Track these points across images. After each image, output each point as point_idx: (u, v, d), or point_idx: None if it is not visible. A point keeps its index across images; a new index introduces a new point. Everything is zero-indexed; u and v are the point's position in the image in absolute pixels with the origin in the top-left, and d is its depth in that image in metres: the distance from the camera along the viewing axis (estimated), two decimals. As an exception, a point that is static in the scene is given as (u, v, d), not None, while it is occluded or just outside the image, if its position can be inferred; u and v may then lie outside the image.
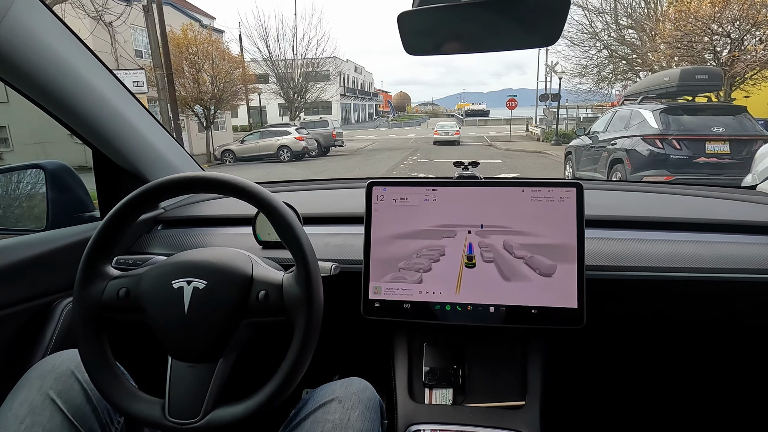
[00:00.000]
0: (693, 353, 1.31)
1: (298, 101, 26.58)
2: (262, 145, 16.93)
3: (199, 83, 17.54)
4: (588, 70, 18.57)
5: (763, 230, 1.11)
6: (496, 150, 18.60)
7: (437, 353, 1.08)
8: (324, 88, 27.92)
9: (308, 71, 26.51)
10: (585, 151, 7.88)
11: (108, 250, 0.79)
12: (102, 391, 0.74)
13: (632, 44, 16.80)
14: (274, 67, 25.83)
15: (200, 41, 17.76)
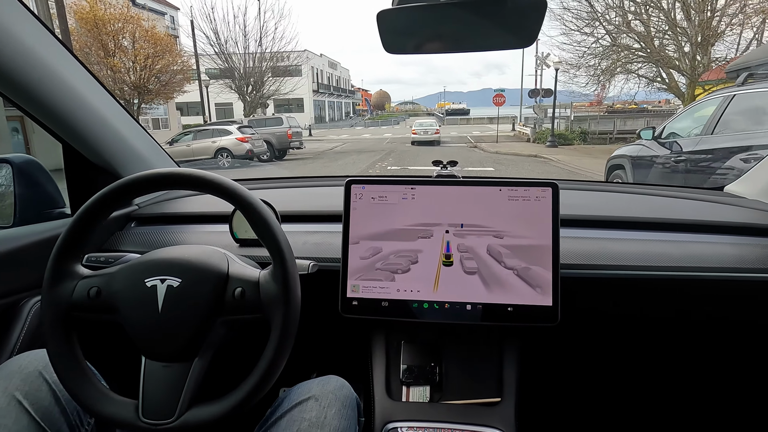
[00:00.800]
0: (664, 349, 1.34)
1: (253, 95, 23.59)
2: (196, 147, 13.75)
3: (113, 70, 15.05)
4: (584, 61, 16.27)
5: (729, 230, 1.16)
6: (484, 153, 16.53)
7: (415, 351, 1.09)
8: (284, 81, 25.26)
9: (269, 64, 24.02)
10: (658, 166, 4.95)
11: (78, 248, 0.77)
12: (71, 392, 0.72)
13: (642, 33, 14.49)
14: (223, 54, 22.66)
15: (114, 17, 14.53)
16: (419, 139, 20.47)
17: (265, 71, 23.52)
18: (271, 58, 23.82)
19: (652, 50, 14.33)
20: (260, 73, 23.13)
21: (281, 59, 24.75)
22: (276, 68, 24.88)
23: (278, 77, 25.14)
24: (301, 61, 38.89)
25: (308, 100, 43.62)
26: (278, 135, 16.27)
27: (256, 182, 1.71)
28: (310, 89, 42.59)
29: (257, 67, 23.04)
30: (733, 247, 1.10)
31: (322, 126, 42.55)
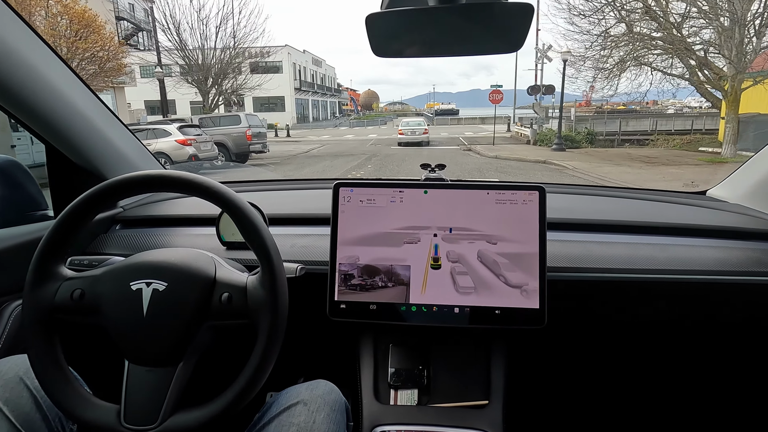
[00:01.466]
0: (650, 351, 1.36)
1: (214, 91, 20.47)
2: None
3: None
4: (592, 53, 14.12)
5: (711, 233, 1.18)
6: (481, 158, 14.37)
7: (403, 354, 1.09)
8: (255, 77, 22.48)
9: (235, 57, 21.01)
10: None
11: (62, 250, 0.76)
12: (53, 398, 0.71)
13: (663, 18, 12.33)
14: (178, 42, 19.43)
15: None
16: (406, 139, 19.12)
17: (227, 64, 20.51)
18: (235, 50, 20.87)
19: (674, 39, 12.19)
20: (222, 66, 20.29)
21: (255, 54, 22.88)
22: (246, 63, 22.52)
23: (257, 73, 23.36)
24: (281, 57, 36.71)
25: (290, 98, 41.17)
26: (235, 136, 13.53)
27: (244, 184, 1.70)
28: (291, 87, 40.58)
29: (219, 60, 20.13)
30: (716, 250, 1.12)
31: (304, 126, 40.11)
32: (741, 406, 1.40)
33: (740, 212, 1.27)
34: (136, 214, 1.33)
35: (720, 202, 1.37)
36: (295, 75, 41.60)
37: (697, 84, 12.81)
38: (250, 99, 36.32)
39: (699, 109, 26.32)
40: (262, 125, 15.45)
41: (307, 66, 46.81)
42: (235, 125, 13.80)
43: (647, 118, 20.77)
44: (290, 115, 39.84)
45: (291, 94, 40.94)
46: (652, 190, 1.51)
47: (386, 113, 76.21)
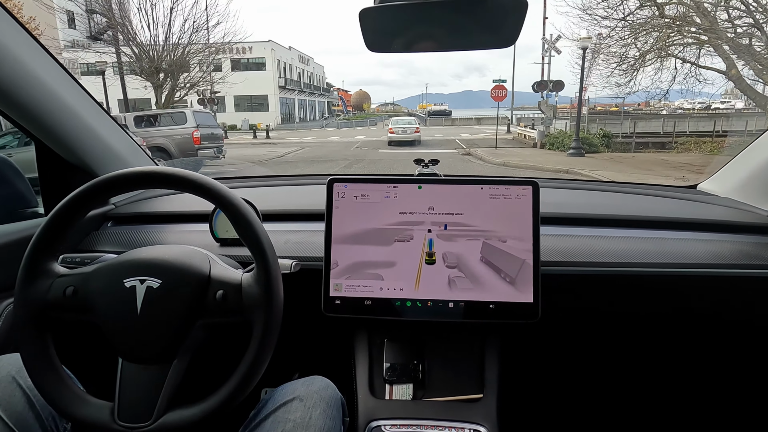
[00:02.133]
0: (643, 344, 1.38)
1: (160, 81, 17.33)
2: (19, 158, 4.92)
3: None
4: (612, 41, 12.05)
5: (702, 227, 1.19)
6: (486, 165, 12.94)
7: (398, 349, 1.09)
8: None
9: (193, 47, 18.15)
10: None
11: (53, 248, 0.75)
12: (46, 396, 0.71)
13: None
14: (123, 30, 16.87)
15: None
16: (398, 138, 18.46)
17: (186, 56, 17.81)
18: (191, 46, 18.09)
19: (715, 24, 10.17)
20: (179, 57, 17.56)
21: (220, 48, 19.91)
22: (213, 57, 19.59)
23: (239, 70, 22.69)
24: (264, 53, 34.65)
25: (273, 97, 38.13)
26: (179, 139, 10.89)
27: (237, 180, 1.69)
28: (275, 85, 37.57)
29: (176, 49, 17.41)
30: (707, 243, 1.13)
31: (289, 127, 37.34)
32: (732, 398, 1.42)
33: (730, 206, 1.29)
34: (129, 211, 1.32)
35: (711, 196, 1.39)
36: (279, 72, 39.02)
37: (736, 78, 10.87)
38: (231, 97, 34.28)
39: (691, 111, 24.57)
40: (215, 125, 12.78)
41: (293, 63, 43.92)
42: (179, 125, 11.06)
43: (657, 118, 19.01)
44: (274, 115, 37.71)
45: (275, 92, 38.25)
46: (643, 184, 1.52)
47: (377, 114, 74.01)
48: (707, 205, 1.32)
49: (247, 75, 27.38)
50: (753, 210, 1.25)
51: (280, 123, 37.74)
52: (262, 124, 31.53)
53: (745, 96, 12.36)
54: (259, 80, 34.87)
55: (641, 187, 1.48)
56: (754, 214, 1.23)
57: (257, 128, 26.38)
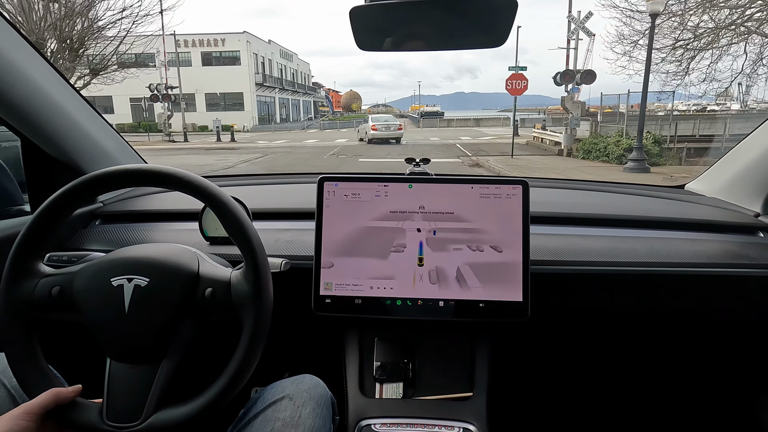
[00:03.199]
0: (631, 342, 1.39)
1: (61, 54, 13.14)
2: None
3: None
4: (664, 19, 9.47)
5: (689, 227, 1.21)
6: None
7: (388, 348, 1.09)
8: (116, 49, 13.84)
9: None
10: None
11: (39, 246, 0.74)
12: (31, 396, 0.69)
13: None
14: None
15: None
16: (381, 135, 18.40)
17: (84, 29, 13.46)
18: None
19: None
20: (79, 26, 13.42)
21: (198, 43, 18.65)
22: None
23: (210, 65, 19.46)
24: (237, 45, 31.26)
25: (249, 95, 34.42)
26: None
27: (227, 179, 1.68)
28: (251, 82, 33.89)
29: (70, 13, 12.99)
30: (694, 242, 1.14)
31: (266, 128, 33.54)
32: (716, 395, 1.44)
33: (717, 206, 1.31)
34: (117, 209, 1.31)
35: (698, 196, 1.40)
36: (256, 68, 35.18)
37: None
38: (201, 95, 31.11)
39: (686, 112, 21.31)
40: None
41: (273, 59, 40.03)
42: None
43: (689, 120, 16.12)
44: (250, 115, 34.15)
45: (251, 90, 34.43)
46: (632, 184, 1.54)
47: (368, 114, 74.25)
48: (694, 204, 1.33)
49: (219, 71, 25.25)
50: (739, 210, 1.27)
51: (257, 124, 34.66)
52: (237, 124, 28.93)
53: (741, 97, 11.92)
54: (233, 76, 31.95)
55: (630, 187, 1.50)
56: (740, 214, 1.24)
57: (232, 129, 24.24)
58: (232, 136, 22.54)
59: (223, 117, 30.22)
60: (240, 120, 30.90)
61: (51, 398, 0.66)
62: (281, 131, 31.86)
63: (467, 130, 30.15)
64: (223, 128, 25.80)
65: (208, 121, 28.74)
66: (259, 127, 33.20)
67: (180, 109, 23.70)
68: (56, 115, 1.10)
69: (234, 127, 27.96)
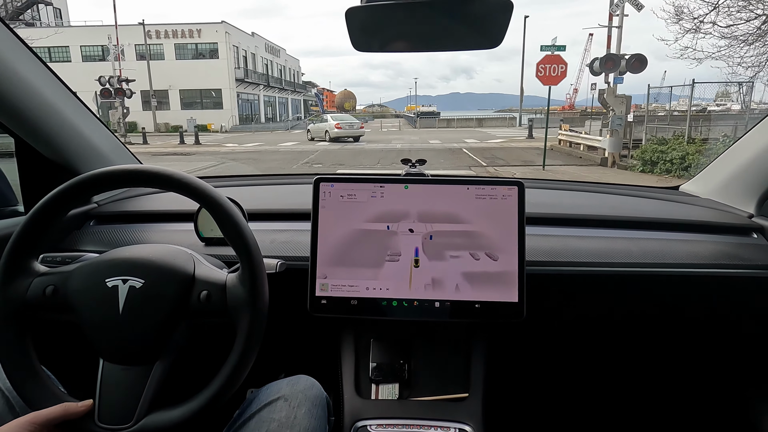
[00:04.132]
0: (624, 342, 1.40)
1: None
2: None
3: None
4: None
5: (683, 227, 1.21)
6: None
7: (384, 349, 1.09)
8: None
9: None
10: None
11: (33, 246, 0.74)
12: (24, 398, 0.70)
13: None
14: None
15: None
16: (344, 134, 19.71)
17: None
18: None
19: None
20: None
21: (171, 34, 16.10)
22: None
23: (185, 59, 17.05)
24: (215, 36, 27.92)
25: (229, 91, 31.13)
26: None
27: (223, 180, 1.68)
28: (231, 77, 30.79)
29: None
30: (688, 243, 1.15)
31: (246, 128, 30.22)
32: (711, 395, 1.45)
33: (711, 207, 1.32)
34: (111, 210, 1.30)
35: (692, 197, 1.41)
36: (237, 62, 31.85)
37: None
38: (176, 92, 27.97)
39: (685, 112, 18.59)
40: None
41: (257, 53, 36.32)
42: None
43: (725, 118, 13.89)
44: (230, 114, 30.94)
45: (231, 86, 31.10)
46: (627, 185, 1.54)
47: (363, 114, 68.66)
48: (689, 205, 1.34)
49: (195, 65, 22.71)
50: (733, 211, 1.27)
51: (237, 123, 31.55)
52: (214, 124, 26.67)
53: (742, 98, 10.82)
54: (210, 71, 28.93)
55: (625, 188, 1.50)
56: (734, 215, 1.25)
57: (191, 130, 21.71)
58: (196, 138, 20.39)
59: (200, 116, 27.73)
60: (218, 119, 29.18)
61: (60, 413, 0.66)
62: (263, 132, 28.97)
63: (470, 132, 27.18)
64: (199, 128, 23.55)
65: (183, 121, 26.26)
66: (239, 127, 30.38)
67: (151, 108, 21.56)
68: (50, 115, 1.10)
69: (210, 127, 25.81)
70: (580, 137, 14.81)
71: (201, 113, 28.75)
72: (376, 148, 17.13)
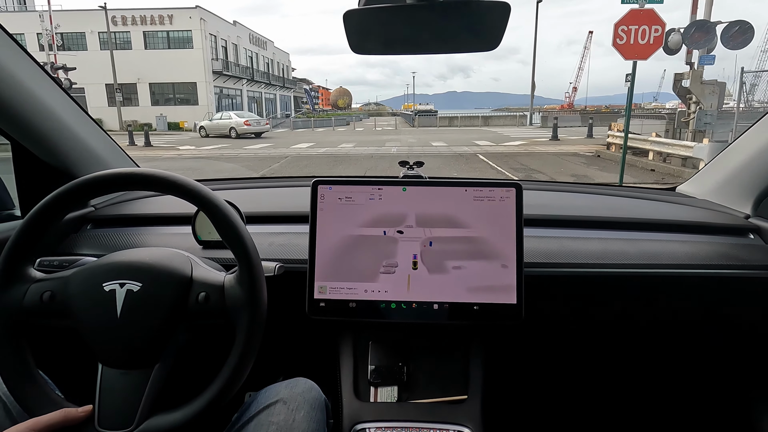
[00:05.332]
0: (624, 344, 1.40)
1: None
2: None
3: None
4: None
5: (680, 228, 1.22)
6: None
7: (382, 351, 1.09)
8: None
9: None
10: None
11: (30, 251, 0.74)
12: (22, 404, 0.69)
13: None
14: None
15: None
16: (252, 130, 21.65)
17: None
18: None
19: None
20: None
21: (139, 20, 13.49)
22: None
23: (153, 49, 14.20)
24: (188, 23, 24.42)
25: (204, 85, 27.67)
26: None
27: (220, 182, 1.67)
28: (207, 69, 27.43)
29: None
30: (684, 244, 1.15)
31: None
32: (710, 396, 1.46)
33: (707, 207, 1.32)
34: (109, 213, 1.30)
35: (689, 198, 1.42)
36: (214, 53, 28.38)
37: None
38: (145, 86, 24.79)
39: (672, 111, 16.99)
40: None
41: (240, 44, 32.90)
42: None
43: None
44: (206, 110, 26.82)
45: (207, 79, 27.61)
46: (625, 186, 1.55)
47: (359, 112, 66.35)
48: (685, 206, 1.34)
49: (167, 55, 19.60)
50: (729, 211, 1.28)
51: (211, 122, 26.76)
52: (187, 122, 23.86)
53: (745, 96, 9.64)
54: (184, 62, 26.28)
55: (622, 189, 1.51)
56: (731, 216, 1.26)
57: (181, 128, 19.88)
58: (146, 140, 18.02)
59: (173, 112, 24.96)
60: (193, 116, 25.74)
61: (60, 418, 0.66)
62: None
63: (478, 132, 23.46)
64: (169, 126, 21.81)
65: (153, 118, 24.23)
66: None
67: (116, 103, 19.16)
68: (47, 119, 1.09)
69: (183, 125, 23.50)
70: (651, 141, 11.09)
71: (174, 109, 26.11)
72: (364, 154, 13.83)
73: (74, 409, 0.68)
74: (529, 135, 16.74)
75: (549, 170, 10.55)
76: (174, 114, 24.61)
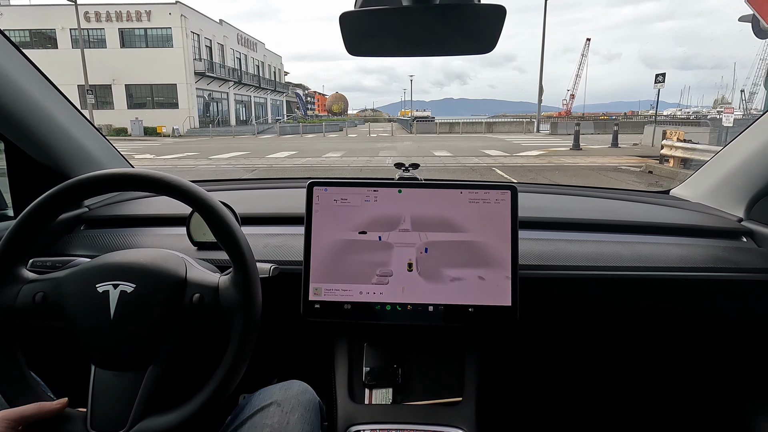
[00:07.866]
0: (617, 345, 1.40)
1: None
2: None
3: None
4: None
5: (674, 231, 1.23)
6: None
7: (377, 353, 1.09)
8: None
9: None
10: None
11: (22, 251, 0.73)
12: (13, 405, 0.68)
13: None
14: None
15: None
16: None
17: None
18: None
19: None
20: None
21: (114, 16, 12.64)
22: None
23: (129, 47, 12.88)
24: (167, 20, 22.43)
25: (185, 87, 25.76)
26: None
27: (215, 183, 1.67)
28: (189, 70, 25.66)
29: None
30: (678, 247, 1.16)
31: (204, 132, 25.13)
32: (704, 397, 1.46)
33: (701, 210, 1.33)
34: (103, 214, 1.29)
35: (682, 201, 1.43)
36: (197, 52, 26.41)
37: None
38: (121, 87, 23.15)
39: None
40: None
41: (227, 44, 30.82)
42: None
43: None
44: (187, 114, 25.82)
45: (188, 81, 25.76)
46: (619, 189, 1.56)
47: (354, 118, 65.70)
48: (679, 210, 1.35)
49: (145, 54, 18.00)
50: (722, 215, 1.29)
51: (197, 126, 26.68)
52: (165, 127, 22.31)
53: (744, 105, 9.27)
54: (163, 62, 24.41)
55: (617, 192, 1.52)
56: (724, 219, 1.27)
57: (158, 133, 18.29)
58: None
59: (151, 116, 23.19)
60: (172, 121, 24.26)
61: (34, 411, 0.65)
62: (223, 136, 23.84)
63: (482, 139, 21.34)
64: (146, 132, 20.10)
65: (127, 123, 22.70)
66: (196, 131, 25.58)
67: (87, 106, 17.67)
68: (41, 119, 1.09)
69: (161, 130, 21.70)
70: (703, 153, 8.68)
71: (152, 113, 24.76)
72: (352, 166, 11.79)
73: (48, 403, 0.67)
74: (542, 143, 15.56)
75: (574, 179, 8.30)
76: (152, 118, 22.96)
